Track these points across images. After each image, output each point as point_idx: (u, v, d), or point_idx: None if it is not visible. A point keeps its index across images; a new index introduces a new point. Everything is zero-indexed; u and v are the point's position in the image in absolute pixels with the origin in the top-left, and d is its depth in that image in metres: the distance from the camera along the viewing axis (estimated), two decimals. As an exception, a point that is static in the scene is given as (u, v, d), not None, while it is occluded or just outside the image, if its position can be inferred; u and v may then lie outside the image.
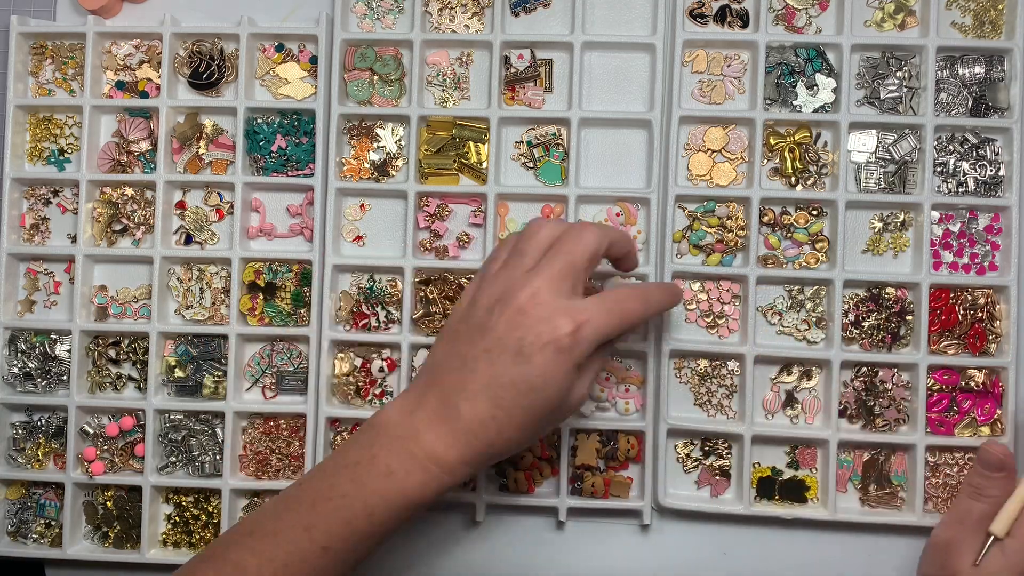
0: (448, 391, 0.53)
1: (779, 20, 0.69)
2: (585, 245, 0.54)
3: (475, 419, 0.52)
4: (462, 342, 0.54)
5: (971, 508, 0.62)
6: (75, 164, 0.73)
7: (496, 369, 0.52)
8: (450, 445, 0.52)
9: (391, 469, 0.52)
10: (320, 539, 0.52)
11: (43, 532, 0.71)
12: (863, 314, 0.68)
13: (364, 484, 0.52)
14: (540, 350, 0.51)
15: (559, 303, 0.52)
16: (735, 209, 0.69)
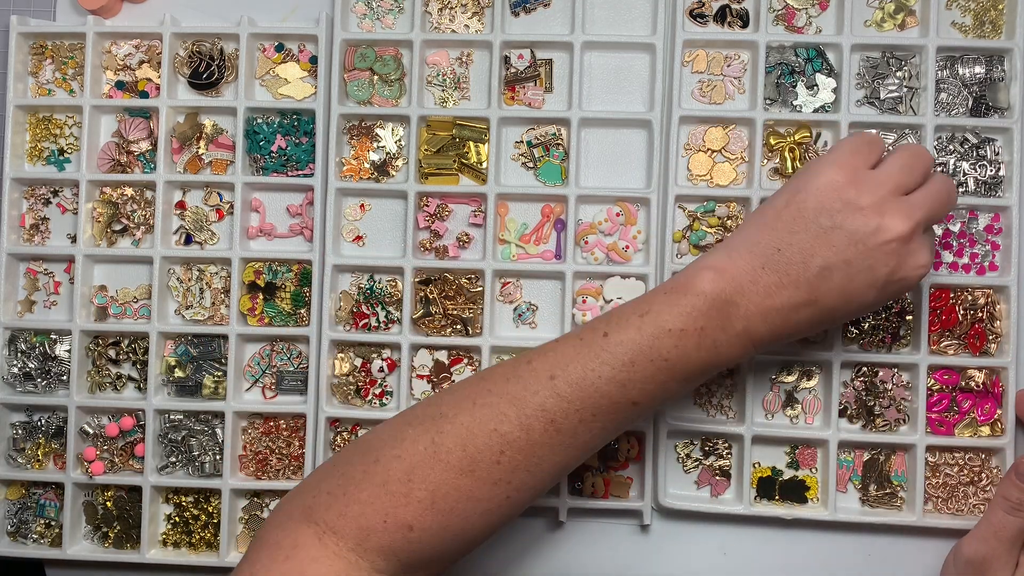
0: (787, 267, 0.52)
1: (779, 20, 0.69)
2: None
3: (804, 303, 0.52)
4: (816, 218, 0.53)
5: (1007, 523, 0.61)
6: (75, 164, 0.73)
7: (849, 273, 0.52)
8: (770, 320, 0.52)
9: (717, 344, 0.52)
10: (633, 395, 0.52)
11: (43, 532, 0.71)
12: (863, 314, 0.68)
13: (689, 355, 0.52)
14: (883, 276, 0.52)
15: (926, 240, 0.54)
16: (735, 209, 0.69)
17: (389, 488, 0.51)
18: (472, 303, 0.69)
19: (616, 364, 0.52)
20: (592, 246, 0.69)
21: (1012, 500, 0.61)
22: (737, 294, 0.52)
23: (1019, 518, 0.61)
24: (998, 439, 0.67)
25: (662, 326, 0.52)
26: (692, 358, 0.52)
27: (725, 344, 0.52)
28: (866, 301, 0.53)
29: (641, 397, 0.52)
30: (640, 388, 0.52)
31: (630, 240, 0.69)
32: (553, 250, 0.70)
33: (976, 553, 0.61)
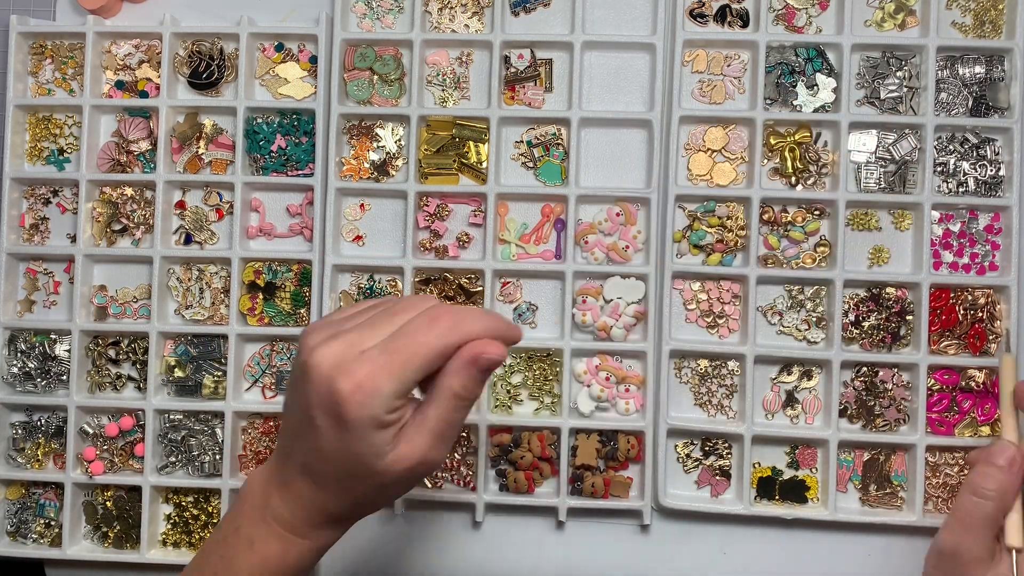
0: (285, 454, 0.51)
1: (779, 20, 0.69)
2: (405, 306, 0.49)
3: (303, 485, 0.50)
4: (289, 405, 0.51)
5: (974, 509, 0.59)
6: (75, 164, 0.72)
7: (305, 438, 0.49)
8: (293, 511, 0.51)
9: (252, 540, 0.51)
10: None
11: (43, 532, 0.71)
12: (863, 314, 0.68)
13: (232, 560, 0.51)
14: (324, 419, 0.47)
15: (347, 355, 0.47)
16: (735, 209, 0.69)
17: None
18: (472, 303, 0.69)
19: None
20: (592, 246, 0.69)
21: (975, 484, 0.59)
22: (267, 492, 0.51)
23: (988, 502, 0.58)
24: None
25: (215, 536, 0.52)
26: (236, 563, 0.51)
27: (260, 539, 0.51)
28: None
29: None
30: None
31: (630, 240, 0.69)
32: (553, 250, 0.70)
33: (947, 543, 0.59)
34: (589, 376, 0.68)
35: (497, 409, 0.69)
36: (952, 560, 0.58)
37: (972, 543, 0.58)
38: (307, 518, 0.51)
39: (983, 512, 0.58)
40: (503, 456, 0.69)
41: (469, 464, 0.69)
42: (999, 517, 0.58)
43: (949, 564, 0.59)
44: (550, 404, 0.69)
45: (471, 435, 0.69)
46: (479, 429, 0.68)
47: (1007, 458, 0.58)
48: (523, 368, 0.69)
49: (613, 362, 0.69)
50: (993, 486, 0.58)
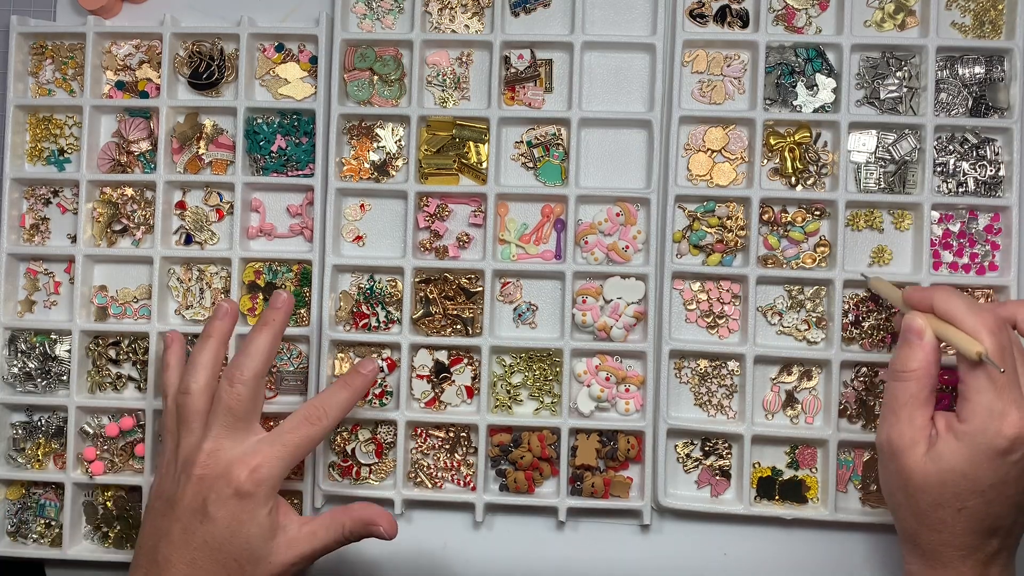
0: (152, 567, 0.55)
1: (779, 20, 0.69)
2: (236, 391, 0.57)
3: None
4: (159, 516, 0.57)
5: (897, 391, 0.55)
6: (75, 164, 0.73)
7: (187, 535, 0.55)
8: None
9: None
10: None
11: (43, 532, 0.71)
12: (863, 314, 0.68)
13: None
14: (225, 503, 0.55)
15: (233, 454, 0.56)
16: (735, 209, 0.69)
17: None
18: (472, 303, 0.69)
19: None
20: (592, 246, 0.69)
21: (895, 368, 0.55)
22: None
23: (908, 382, 0.54)
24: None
25: None
26: None
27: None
28: None
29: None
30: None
31: (630, 240, 0.69)
32: (553, 250, 0.70)
33: (881, 436, 0.55)
34: (589, 376, 0.68)
35: (497, 409, 0.69)
36: (888, 452, 0.55)
37: (904, 427, 0.54)
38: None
39: (908, 393, 0.54)
40: (503, 456, 0.69)
41: (469, 464, 0.69)
42: (923, 396, 0.54)
43: (887, 457, 0.55)
44: (550, 404, 0.69)
45: (471, 435, 0.69)
46: (479, 429, 0.68)
47: (916, 330, 0.54)
48: (523, 368, 0.69)
49: (613, 362, 0.69)
50: (910, 364, 0.54)
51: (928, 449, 0.53)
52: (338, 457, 0.70)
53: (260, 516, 0.55)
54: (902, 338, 0.55)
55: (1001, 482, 0.51)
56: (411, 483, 0.69)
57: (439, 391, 0.69)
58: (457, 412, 0.69)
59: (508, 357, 0.70)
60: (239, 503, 0.55)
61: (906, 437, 0.53)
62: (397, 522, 0.59)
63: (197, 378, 0.59)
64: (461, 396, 0.69)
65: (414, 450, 0.70)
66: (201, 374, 0.59)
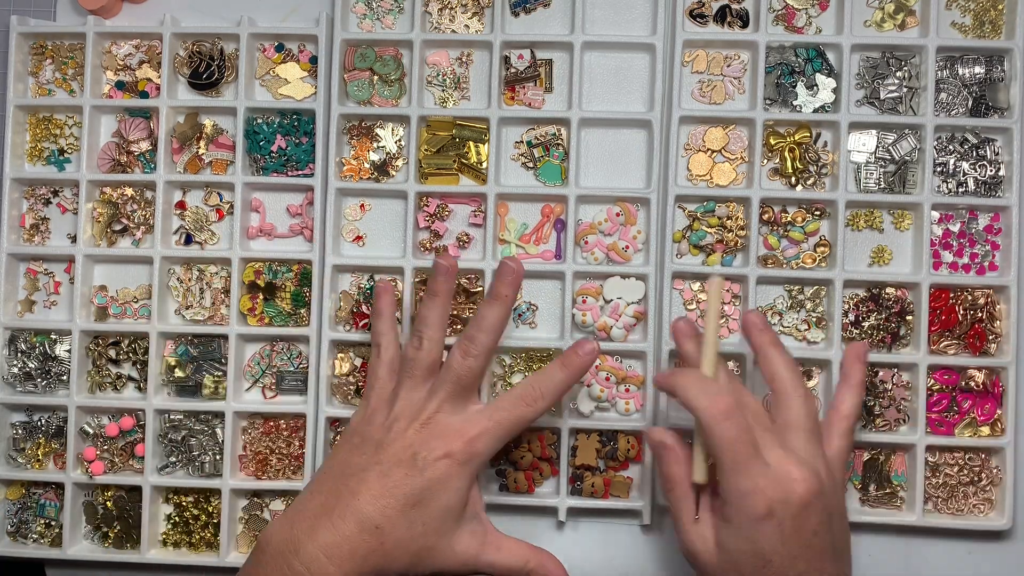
0: (334, 499, 0.55)
1: (779, 20, 0.69)
2: (468, 364, 0.58)
3: (359, 526, 0.54)
4: (356, 453, 0.57)
5: (671, 503, 0.57)
6: (75, 164, 0.73)
7: (388, 480, 0.55)
8: (330, 555, 0.53)
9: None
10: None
11: (43, 532, 0.71)
12: (863, 314, 0.68)
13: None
14: (434, 463, 0.55)
15: (452, 421, 0.57)
16: (735, 209, 0.69)
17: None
18: (472, 303, 0.69)
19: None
20: (592, 246, 0.69)
21: (661, 484, 0.58)
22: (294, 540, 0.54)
23: (672, 492, 0.57)
24: (998, 439, 0.67)
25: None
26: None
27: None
28: None
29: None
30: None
31: (630, 240, 0.69)
32: (553, 250, 0.70)
33: (682, 550, 0.57)
34: (589, 376, 0.68)
35: (497, 409, 0.69)
36: (692, 562, 0.56)
37: (691, 533, 0.56)
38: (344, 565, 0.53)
39: (677, 501, 0.56)
40: (503, 456, 0.69)
41: (469, 464, 0.69)
42: (692, 497, 0.56)
43: (694, 567, 0.57)
44: (550, 404, 0.69)
45: (471, 435, 0.69)
46: (479, 429, 0.68)
47: (656, 444, 0.57)
48: (523, 368, 0.69)
49: (613, 362, 0.69)
50: (669, 476, 0.56)
51: (715, 542, 0.54)
52: (338, 457, 0.70)
53: (462, 488, 0.56)
54: (652, 452, 0.60)
55: (780, 543, 0.52)
56: (411, 483, 0.69)
57: (439, 391, 0.69)
58: (457, 412, 0.69)
59: (508, 357, 0.70)
60: (448, 467, 0.55)
61: (697, 542, 0.55)
62: None
63: (431, 334, 0.59)
64: (461, 396, 0.69)
65: (414, 450, 0.70)
66: (435, 331, 0.60)
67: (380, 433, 0.58)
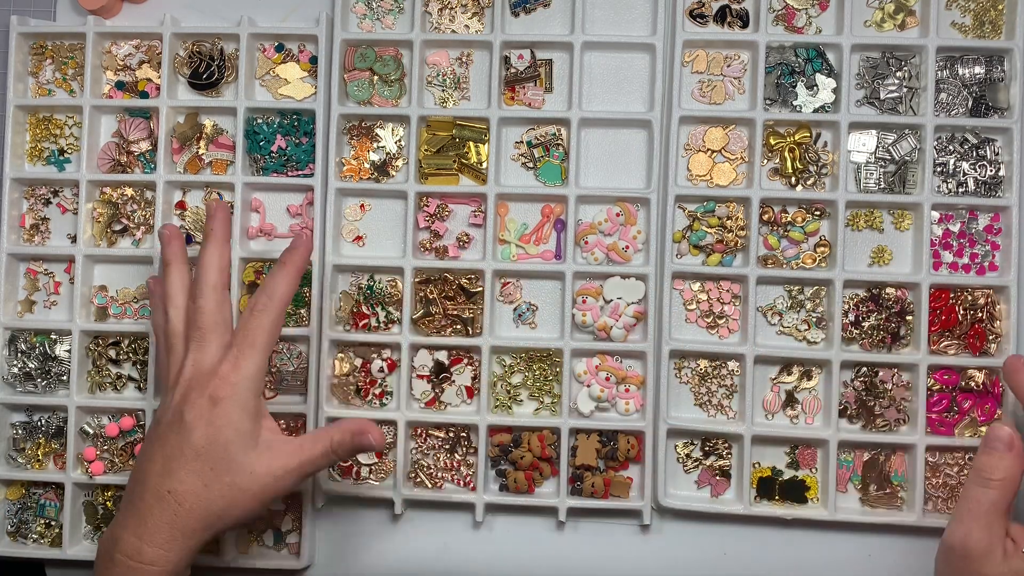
0: (136, 484, 0.56)
1: (779, 20, 0.69)
2: (199, 308, 0.58)
3: (153, 498, 0.54)
4: (147, 443, 0.57)
5: (980, 497, 0.57)
6: (75, 164, 0.73)
7: (166, 447, 0.55)
8: (139, 535, 0.54)
9: None
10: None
11: (43, 532, 0.71)
12: (863, 314, 0.68)
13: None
14: (197, 412, 0.55)
15: (203, 365, 0.57)
16: (735, 209, 0.69)
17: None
18: (472, 303, 0.69)
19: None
20: (592, 246, 0.69)
21: (981, 470, 0.57)
22: None
23: (992, 490, 0.56)
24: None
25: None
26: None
27: None
28: None
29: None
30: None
31: (630, 240, 0.69)
32: (553, 250, 0.70)
33: (955, 536, 0.57)
34: (589, 376, 0.68)
35: (497, 409, 0.69)
36: (961, 554, 0.57)
37: (980, 533, 0.56)
38: (158, 538, 0.54)
39: (989, 500, 0.56)
40: (503, 456, 0.69)
41: (469, 464, 0.69)
42: (1004, 504, 0.56)
43: (958, 558, 0.57)
44: (550, 404, 0.69)
45: (471, 435, 0.69)
46: (479, 429, 0.68)
47: (1005, 441, 0.57)
48: (523, 368, 0.69)
49: (613, 362, 0.69)
50: (995, 474, 0.57)
51: (1003, 557, 0.56)
52: (338, 457, 0.70)
53: (236, 421, 0.55)
54: (987, 444, 0.58)
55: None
56: (411, 483, 0.69)
57: (439, 391, 0.69)
58: (457, 412, 0.70)
59: (508, 357, 0.70)
60: (212, 409, 0.55)
61: (984, 543, 0.56)
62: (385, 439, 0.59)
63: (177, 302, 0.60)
64: (461, 396, 0.69)
65: (414, 450, 0.70)
66: (181, 297, 0.60)
67: (160, 413, 0.58)
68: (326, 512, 0.70)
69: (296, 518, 0.70)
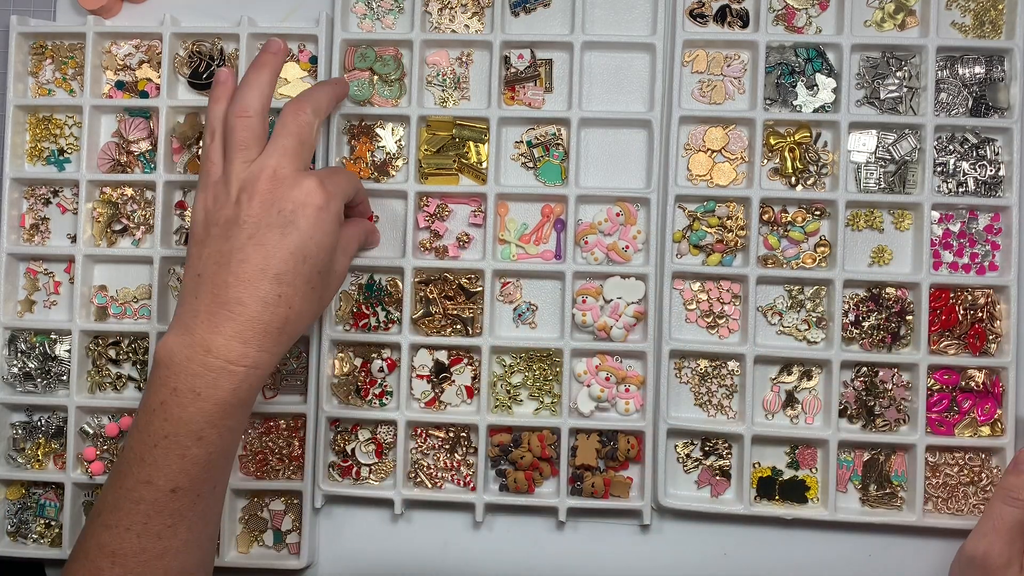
0: (221, 290, 0.53)
1: (779, 20, 0.69)
2: (304, 119, 0.57)
3: (260, 303, 0.53)
4: (218, 241, 0.54)
5: (1004, 514, 0.61)
6: (75, 164, 0.73)
7: (267, 248, 0.53)
8: (245, 340, 0.52)
9: (197, 391, 0.52)
10: (164, 484, 0.52)
11: (43, 532, 0.71)
12: (863, 314, 0.68)
13: (179, 417, 0.52)
14: (302, 213, 0.54)
15: (298, 173, 0.56)
16: (735, 209, 0.69)
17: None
18: (472, 303, 0.69)
19: (132, 469, 0.53)
20: (592, 246, 0.69)
21: (1009, 489, 0.61)
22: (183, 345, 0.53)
23: (1017, 509, 0.60)
24: (998, 439, 0.67)
25: (147, 410, 0.53)
26: (186, 418, 0.52)
27: (206, 385, 0.52)
28: None
29: (174, 482, 0.52)
30: (165, 475, 0.52)
31: (630, 240, 0.69)
32: (553, 250, 0.70)
33: (976, 549, 0.61)
34: (589, 376, 0.68)
35: (497, 409, 0.69)
36: (981, 565, 0.60)
37: (1001, 548, 0.59)
38: (262, 342, 0.53)
39: (1013, 518, 0.59)
40: (503, 456, 0.69)
41: (469, 464, 0.69)
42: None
43: (977, 569, 0.60)
44: (550, 404, 0.69)
45: (471, 435, 0.69)
46: (479, 429, 0.68)
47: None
48: (523, 368, 0.69)
49: (613, 362, 0.69)
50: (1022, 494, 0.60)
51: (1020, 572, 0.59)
52: (338, 457, 0.70)
53: (335, 228, 0.56)
54: (1017, 465, 0.62)
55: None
56: (411, 483, 0.69)
57: (439, 391, 0.69)
58: (457, 412, 0.69)
59: (508, 357, 0.70)
60: (316, 213, 0.55)
61: (1004, 558, 0.59)
62: None
63: (253, 103, 0.57)
64: (461, 396, 0.69)
65: (414, 450, 0.70)
66: (258, 99, 0.57)
67: (232, 209, 0.55)
68: (326, 512, 0.70)
69: (296, 518, 0.70)
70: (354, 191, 0.60)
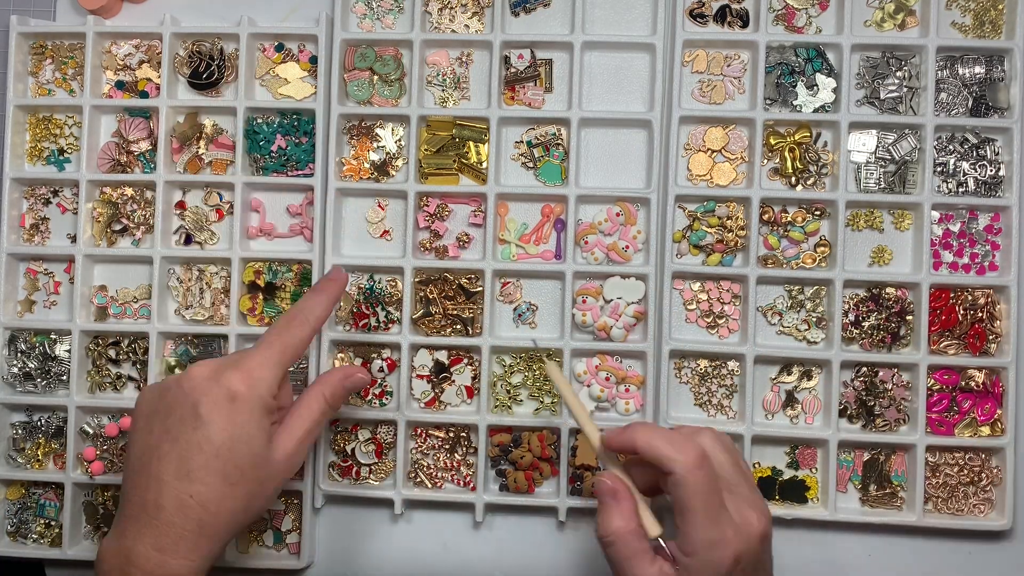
0: (146, 490, 0.51)
1: (779, 20, 0.69)
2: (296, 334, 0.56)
3: (176, 505, 0.50)
4: (145, 433, 0.53)
5: (613, 556, 0.52)
6: (75, 164, 0.73)
7: (179, 445, 0.51)
8: (162, 548, 0.50)
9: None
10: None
11: (43, 532, 0.71)
12: (863, 314, 0.68)
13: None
14: (214, 405, 0.51)
15: (222, 361, 0.53)
16: (735, 209, 0.69)
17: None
18: (472, 303, 0.69)
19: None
20: (592, 246, 0.69)
21: (599, 534, 0.52)
22: None
23: (615, 544, 0.51)
24: (998, 439, 0.67)
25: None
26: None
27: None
28: None
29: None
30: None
31: (630, 240, 0.69)
32: (553, 250, 0.70)
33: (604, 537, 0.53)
34: (589, 376, 0.68)
35: (497, 409, 0.69)
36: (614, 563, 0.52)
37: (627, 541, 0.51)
38: (181, 548, 0.50)
39: (622, 555, 0.51)
40: (503, 456, 0.69)
41: (469, 464, 0.69)
42: (637, 545, 0.51)
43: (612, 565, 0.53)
44: (550, 404, 0.69)
45: (471, 435, 0.69)
46: (479, 429, 0.68)
47: (608, 492, 0.52)
48: (523, 368, 0.69)
49: (613, 362, 0.69)
50: (612, 526, 0.52)
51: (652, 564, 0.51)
52: (338, 457, 0.70)
53: (258, 420, 0.52)
54: (599, 500, 0.53)
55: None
56: (411, 483, 0.69)
57: (439, 391, 0.69)
58: (457, 412, 0.70)
59: (508, 357, 0.70)
60: (230, 404, 0.52)
61: (628, 549, 0.51)
62: None
63: None
64: (461, 396, 0.69)
65: (414, 450, 0.70)
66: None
67: (156, 405, 0.54)
68: (326, 512, 0.70)
69: (296, 518, 0.70)
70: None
